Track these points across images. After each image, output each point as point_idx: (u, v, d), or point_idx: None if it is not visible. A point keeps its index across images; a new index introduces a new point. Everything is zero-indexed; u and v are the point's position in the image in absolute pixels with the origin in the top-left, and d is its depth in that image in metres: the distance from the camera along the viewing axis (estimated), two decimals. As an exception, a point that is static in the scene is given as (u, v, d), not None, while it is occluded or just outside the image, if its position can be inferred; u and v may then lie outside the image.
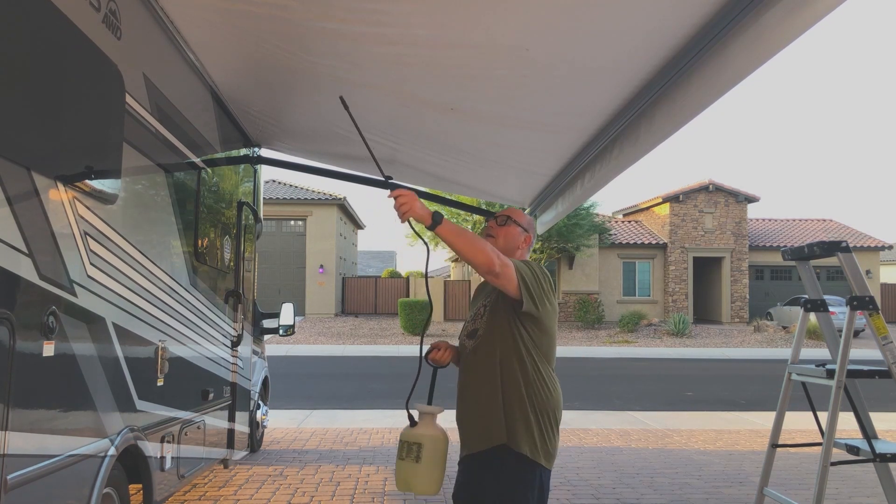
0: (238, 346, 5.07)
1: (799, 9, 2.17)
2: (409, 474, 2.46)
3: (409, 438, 2.48)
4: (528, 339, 2.42)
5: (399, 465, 2.51)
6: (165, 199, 3.53)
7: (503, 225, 2.64)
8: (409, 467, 2.46)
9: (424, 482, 2.48)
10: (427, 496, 2.47)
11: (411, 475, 2.46)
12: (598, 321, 25.00)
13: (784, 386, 4.19)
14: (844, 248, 3.76)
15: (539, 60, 3.17)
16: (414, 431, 2.49)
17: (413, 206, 2.23)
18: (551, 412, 2.44)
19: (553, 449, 2.45)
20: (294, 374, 13.50)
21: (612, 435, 7.90)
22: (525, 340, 2.42)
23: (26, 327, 2.15)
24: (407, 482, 2.49)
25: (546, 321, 2.45)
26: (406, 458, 2.46)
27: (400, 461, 2.50)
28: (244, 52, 3.82)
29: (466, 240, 2.27)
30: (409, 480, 2.48)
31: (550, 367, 2.50)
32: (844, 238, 26.53)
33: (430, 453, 2.46)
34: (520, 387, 2.39)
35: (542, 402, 2.41)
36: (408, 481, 2.49)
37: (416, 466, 2.44)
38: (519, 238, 2.63)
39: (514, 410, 2.38)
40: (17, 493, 2.07)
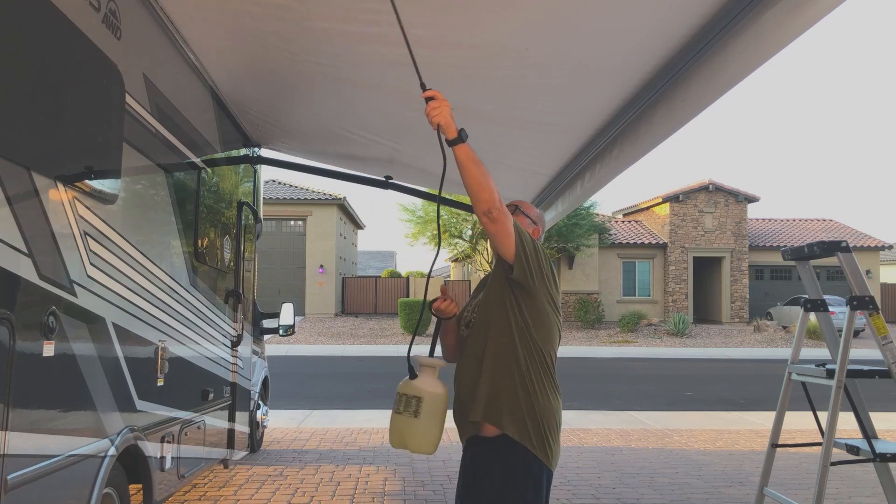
0: (238, 346, 5.07)
1: (799, 9, 2.17)
2: (406, 429, 2.28)
3: (408, 391, 2.30)
4: (520, 317, 2.27)
5: (395, 419, 2.32)
6: (165, 199, 3.53)
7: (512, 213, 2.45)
8: (405, 422, 2.28)
9: (421, 439, 2.29)
10: (422, 454, 2.33)
11: (407, 431, 2.28)
12: (598, 321, 25.00)
13: (784, 386, 4.19)
14: (844, 248, 3.76)
15: (539, 60, 3.17)
16: (413, 384, 2.31)
17: (444, 113, 2.12)
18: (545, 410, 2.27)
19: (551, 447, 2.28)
20: (294, 374, 13.50)
21: (612, 435, 7.90)
22: (518, 318, 2.27)
23: (26, 327, 2.15)
24: (402, 438, 2.31)
25: (541, 305, 2.31)
26: (403, 413, 2.28)
27: (396, 415, 2.31)
28: (244, 52, 3.82)
29: (480, 170, 2.13)
30: (405, 436, 2.29)
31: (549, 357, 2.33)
32: (844, 238, 26.53)
33: (429, 408, 2.27)
34: (509, 364, 2.25)
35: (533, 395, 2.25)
36: (403, 437, 2.30)
37: (413, 422, 2.26)
38: (528, 229, 2.46)
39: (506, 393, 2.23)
40: (17, 493, 2.07)
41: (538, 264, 2.29)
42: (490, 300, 2.34)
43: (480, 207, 2.15)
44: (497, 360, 2.26)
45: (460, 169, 2.14)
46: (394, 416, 2.33)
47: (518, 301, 2.29)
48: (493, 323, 2.30)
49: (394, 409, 2.34)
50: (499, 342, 2.27)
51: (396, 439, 2.33)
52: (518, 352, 2.26)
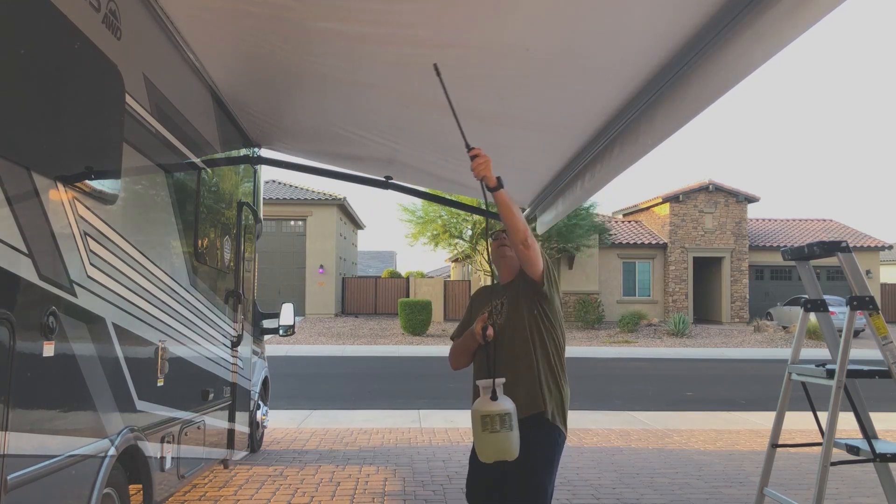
0: (238, 347, 5.07)
1: (799, 9, 2.17)
2: (504, 443, 2.59)
3: (499, 411, 2.59)
4: (546, 323, 2.82)
5: (492, 439, 2.60)
6: (165, 199, 3.53)
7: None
8: (505, 438, 2.58)
9: (516, 447, 2.61)
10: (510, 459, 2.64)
11: (506, 444, 2.59)
12: (598, 321, 24.99)
13: (784, 386, 4.19)
14: (844, 248, 3.76)
15: (539, 60, 3.17)
16: (498, 405, 2.60)
17: (488, 167, 2.64)
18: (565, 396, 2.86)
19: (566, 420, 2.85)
20: (294, 374, 13.50)
21: (612, 435, 7.90)
22: (545, 323, 2.81)
23: (26, 327, 2.15)
24: (503, 451, 2.61)
25: (557, 309, 2.87)
26: (501, 430, 2.58)
27: (493, 434, 2.59)
28: (244, 52, 3.82)
29: (516, 209, 2.70)
30: (505, 449, 2.60)
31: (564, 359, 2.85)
32: (844, 238, 26.53)
33: (516, 420, 2.61)
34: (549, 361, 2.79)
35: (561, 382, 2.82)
36: (504, 450, 2.60)
37: (511, 434, 2.58)
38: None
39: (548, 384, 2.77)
40: (17, 493, 2.07)
41: (555, 280, 2.89)
42: (522, 312, 2.82)
43: (518, 237, 2.69)
44: (539, 359, 2.78)
45: (501, 209, 2.68)
46: (489, 436, 2.61)
47: (544, 308, 2.83)
48: (529, 330, 2.80)
49: (487, 430, 2.61)
50: (536, 345, 2.79)
51: (494, 455, 2.64)
52: (549, 350, 2.81)
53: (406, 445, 7.04)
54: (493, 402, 2.60)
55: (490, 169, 2.64)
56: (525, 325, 2.79)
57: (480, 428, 2.60)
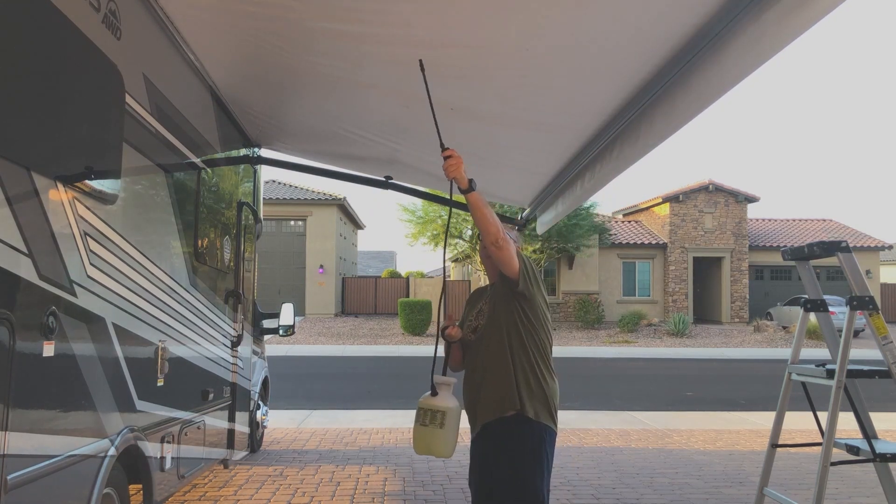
0: (238, 347, 5.07)
1: (798, 9, 2.17)
2: (432, 439, 2.71)
3: (432, 406, 2.72)
4: (526, 322, 2.80)
5: (421, 431, 2.73)
6: (165, 199, 3.53)
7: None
8: (431, 433, 2.70)
9: (444, 446, 2.72)
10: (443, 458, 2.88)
11: (434, 440, 2.71)
12: (598, 321, 24.99)
13: (784, 386, 4.19)
14: (844, 248, 3.76)
15: (539, 60, 3.17)
16: (435, 401, 2.73)
17: (459, 169, 2.66)
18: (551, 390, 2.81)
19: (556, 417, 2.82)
20: (294, 374, 13.50)
21: (612, 435, 7.90)
22: (524, 322, 2.80)
23: (26, 327, 2.15)
24: (429, 446, 2.74)
25: (538, 307, 2.84)
26: (430, 425, 2.70)
27: (422, 427, 2.73)
28: (244, 52, 3.82)
29: (487, 210, 2.70)
30: (432, 445, 2.72)
31: (549, 347, 2.87)
32: (844, 238, 26.51)
33: (452, 420, 2.71)
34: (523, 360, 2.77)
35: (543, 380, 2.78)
36: (430, 446, 2.73)
37: (439, 432, 2.69)
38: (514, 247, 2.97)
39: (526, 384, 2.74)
40: (17, 493, 2.07)
41: (534, 276, 2.86)
42: (499, 312, 2.82)
43: (489, 239, 2.69)
44: (515, 359, 2.76)
45: (472, 210, 2.69)
46: (419, 428, 2.74)
47: (522, 308, 2.81)
48: (506, 330, 2.79)
49: (418, 423, 2.75)
50: (514, 345, 2.78)
51: (423, 448, 2.76)
52: (528, 348, 2.79)
53: (406, 445, 7.04)
54: (432, 398, 2.74)
55: (461, 170, 2.66)
56: (501, 326, 2.80)
57: (417, 420, 2.76)
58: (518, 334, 2.78)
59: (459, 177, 2.66)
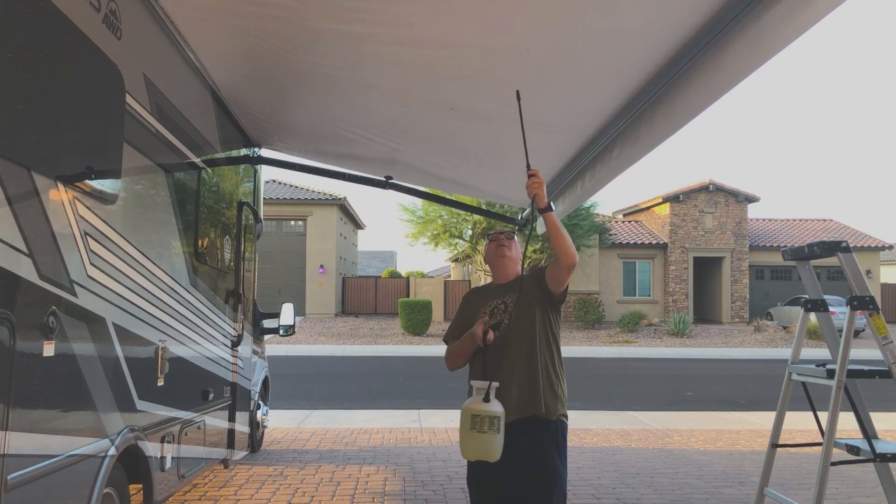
0: (238, 346, 5.07)
1: (799, 9, 2.17)
2: (489, 444, 2.71)
3: (489, 413, 2.71)
4: (553, 331, 2.99)
5: (478, 438, 2.72)
6: (165, 199, 3.53)
7: (511, 239, 3.23)
8: (490, 439, 2.70)
9: (500, 449, 2.73)
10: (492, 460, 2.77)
11: (491, 445, 2.71)
12: (598, 321, 24.98)
13: (784, 386, 4.19)
14: (844, 248, 3.76)
15: (539, 60, 3.17)
16: (490, 406, 2.72)
17: (542, 190, 2.80)
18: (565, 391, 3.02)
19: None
20: (294, 374, 13.50)
21: (613, 435, 7.90)
22: (551, 331, 2.99)
23: (26, 327, 2.15)
24: (485, 452, 2.73)
25: (561, 313, 3.07)
26: (489, 431, 2.70)
27: (480, 434, 2.71)
28: (244, 52, 3.82)
29: (566, 233, 2.82)
30: (488, 450, 2.72)
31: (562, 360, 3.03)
32: (844, 238, 26.51)
33: (503, 425, 2.73)
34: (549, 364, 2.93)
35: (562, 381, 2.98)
36: (486, 451, 2.73)
37: (497, 437, 2.70)
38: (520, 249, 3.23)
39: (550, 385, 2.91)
40: (17, 493, 2.07)
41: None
42: (531, 317, 2.94)
43: (570, 261, 2.81)
44: (543, 364, 2.92)
45: (552, 232, 2.81)
46: (476, 434, 2.72)
47: (552, 317, 3.00)
48: (538, 334, 2.94)
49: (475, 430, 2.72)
50: (542, 349, 2.94)
51: (477, 453, 2.76)
52: (554, 354, 2.98)
53: (406, 445, 7.05)
54: (485, 404, 2.71)
55: (543, 189, 2.80)
56: (535, 329, 2.93)
57: (469, 426, 2.72)
58: (546, 339, 2.95)
59: (540, 194, 2.79)
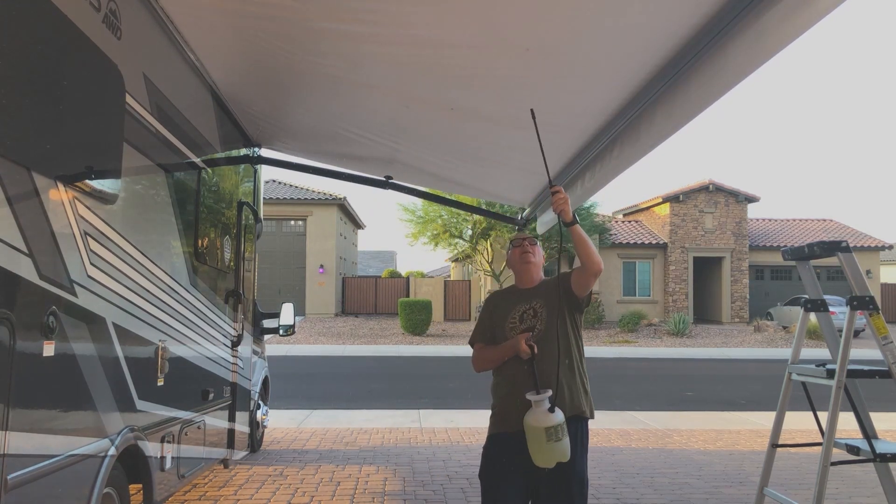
0: (238, 346, 5.07)
1: (799, 9, 2.17)
2: (565, 448, 2.84)
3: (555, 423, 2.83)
4: (578, 333, 3.13)
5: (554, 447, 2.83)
6: (165, 199, 3.53)
7: (534, 244, 3.36)
8: (565, 444, 2.83)
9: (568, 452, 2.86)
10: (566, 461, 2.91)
11: (563, 450, 2.84)
12: (598, 321, 24.98)
13: (784, 386, 4.19)
14: (844, 247, 3.76)
15: (539, 60, 3.17)
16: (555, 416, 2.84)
17: (567, 206, 2.91)
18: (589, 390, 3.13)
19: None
20: (294, 374, 13.50)
21: (613, 435, 7.91)
22: (577, 333, 3.12)
23: (26, 327, 2.15)
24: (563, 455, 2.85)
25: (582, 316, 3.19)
26: (563, 438, 2.82)
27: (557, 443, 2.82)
28: (244, 52, 3.82)
29: (591, 243, 2.94)
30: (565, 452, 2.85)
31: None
32: (844, 238, 26.48)
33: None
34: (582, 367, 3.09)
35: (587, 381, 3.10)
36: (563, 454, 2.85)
37: (566, 441, 2.83)
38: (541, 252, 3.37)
39: (583, 385, 3.06)
40: (17, 493, 2.07)
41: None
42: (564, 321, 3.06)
43: (596, 268, 2.94)
44: (578, 365, 3.06)
45: (578, 243, 2.93)
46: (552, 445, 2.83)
47: (576, 320, 3.13)
48: (572, 339, 3.07)
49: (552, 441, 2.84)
50: (576, 352, 3.07)
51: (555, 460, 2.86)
52: (582, 356, 3.12)
53: (406, 445, 7.05)
54: (552, 414, 2.83)
55: (568, 205, 2.91)
56: (568, 333, 3.06)
57: (545, 439, 2.82)
58: (577, 342, 3.10)
59: (565, 210, 2.90)
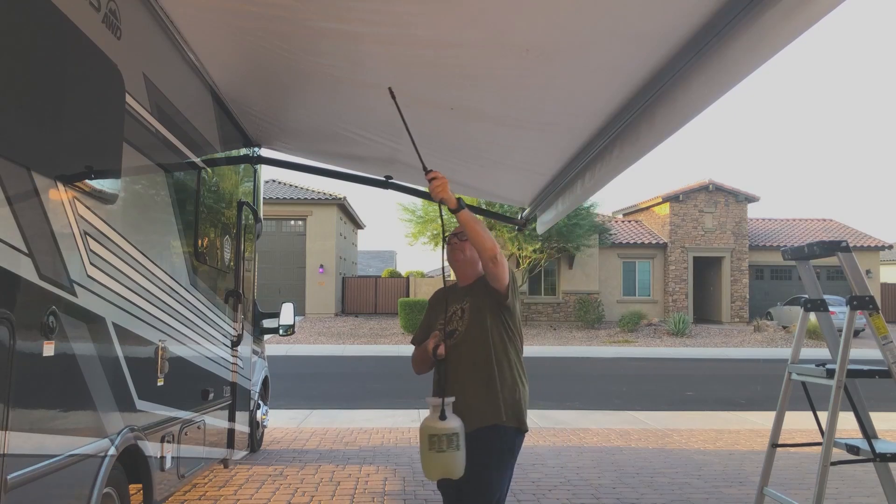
0: (238, 346, 5.07)
1: (799, 9, 2.17)
2: (450, 463, 2.66)
3: (446, 430, 2.65)
4: (509, 332, 2.88)
5: (436, 458, 2.66)
6: (165, 199, 3.53)
7: (465, 240, 3.02)
8: (450, 457, 2.65)
9: (463, 466, 2.68)
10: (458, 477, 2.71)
11: (453, 463, 2.66)
12: (598, 321, 24.99)
13: (784, 386, 4.19)
14: (844, 247, 3.76)
15: (539, 60, 3.17)
16: (447, 424, 2.67)
17: (445, 189, 2.72)
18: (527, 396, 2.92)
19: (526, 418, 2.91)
20: (294, 374, 13.50)
21: (613, 435, 7.91)
22: (508, 333, 2.87)
23: (26, 327, 2.15)
24: (448, 471, 2.69)
25: (517, 317, 2.93)
26: (448, 450, 2.64)
27: (439, 453, 2.65)
28: (244, 52, 3.82)
29: (482, 227, 2.77)
30: (450, 468, 2.68)
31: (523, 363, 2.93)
32: (844, 238, 26.42)
33: (463, 439, 2.68)
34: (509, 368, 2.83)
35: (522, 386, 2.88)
36: (448, 469, 2.68)
37: (457, 454, 2.65)
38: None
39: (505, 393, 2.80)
40: (17, 493, 2.07)
41: (517, 289, 2.94)
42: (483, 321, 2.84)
43: (487, 255, 2.74)
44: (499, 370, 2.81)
45: (466, 229, 2.74)
46: (435, 455, 2.66)
47: (506, 318, 2.88)
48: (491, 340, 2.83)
49: (434, 450, 2.66)
50: (499, 355, 2.83)
51: (439, 473, 2.71)
52: (511, 357, 2.87)
53: (406, 445, 7.04)
54: (442, 421, 2.65)
55: (447, 190, 2.71)
56: (488, 336, 2.83)
57: (427, 446, 2.65)
58: (502, 344, 2.84)
59: (447, 197, 2.71)
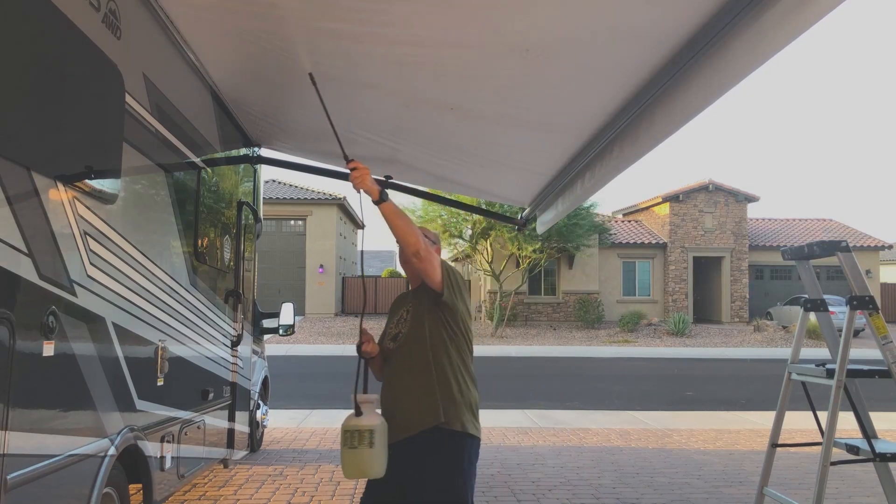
0: (238, 346, 5.07)
1: (799, 8, 2.17)
2: (363, 461, 2.59)
3: (359, 427, 2.59)
4: (450, 331, 2.75)
5: (350, 455, 2.60)
6: (165, 199, 3.53)
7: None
8: (362, 454, 2.57)
9: (379, 465, 2.60)
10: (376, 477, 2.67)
11: (365, 461, 2.59)
12: (598, 321, 24.98)
13: (784, 385, 4.19)
14: (844, 247, 3.76)
15: (539, 60, 3.17)
16: (361, 420, 2.61)
17: (364, 180, 2.58)
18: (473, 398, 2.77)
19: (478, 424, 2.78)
20: (294, 374, 13.50)
21: (612, 434, 7.91)
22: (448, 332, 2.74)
23: (26, 327, 2.15)
24: (361, 469, 2.62)
25: (461, 315, 2.79)
26: (359, 447, 2.57)
27: (351, 450, 2.59)
28: (244, 52, 3.82)
29: (404, 221, 2.62)
30: (364, 467, 2.61)
31: (470, 355, 2.82)
32: (844, 238, 26.44)
33: (381, 437, 2.60)
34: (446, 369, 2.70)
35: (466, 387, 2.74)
36: (362, 468, 2.62)
37: (371, 452, 2.57)
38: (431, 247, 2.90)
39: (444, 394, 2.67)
40: (17, 493, 2.07)
41: (457, 286, 2.80)
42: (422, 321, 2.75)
43: (410, 250, 2.62)
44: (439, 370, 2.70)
45: (387, 222, 2.60)
46: (348, 451, 2.60)
47: (446, 317, 2.75)
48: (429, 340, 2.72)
49: (346, 446, 2.60)
50: (438, 355, 2.71)
51: (355, 472, 2.65)
52: (453, 358, 2.73)
53: (406, 445, 7.04)
54: (356, 418, 2.61)
55: (368, 181, 2.58)
56: (425, 336, 2.72)
57: (342, 442, 2.60)
58: (442, 343, 2.72)
59: (367, 188, 2.58)
